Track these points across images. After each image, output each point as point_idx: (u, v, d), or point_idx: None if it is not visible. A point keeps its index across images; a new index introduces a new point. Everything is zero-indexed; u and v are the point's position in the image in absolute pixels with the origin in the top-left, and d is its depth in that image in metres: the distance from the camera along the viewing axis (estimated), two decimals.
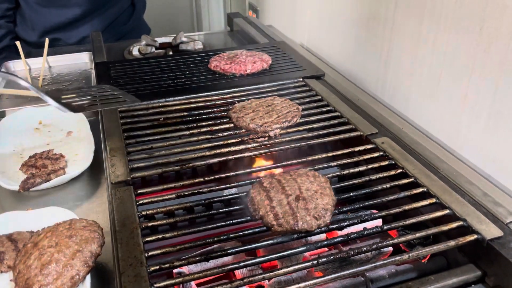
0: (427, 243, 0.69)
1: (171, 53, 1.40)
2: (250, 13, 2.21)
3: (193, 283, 0.65)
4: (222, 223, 0.65)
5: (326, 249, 0.72)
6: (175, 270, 0.67)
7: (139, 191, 0.71)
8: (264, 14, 2.06)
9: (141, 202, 0.68)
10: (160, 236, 0.62)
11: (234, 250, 0.60)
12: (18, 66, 1.38)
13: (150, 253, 0.59)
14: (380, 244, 0.61)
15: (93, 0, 1.59)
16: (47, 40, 1.43)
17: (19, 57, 1.37)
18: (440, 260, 0.72)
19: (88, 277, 0.59)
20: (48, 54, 1.38)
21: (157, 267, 0.57)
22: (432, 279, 0.60)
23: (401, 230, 0.74)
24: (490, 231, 0.61)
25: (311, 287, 0.56)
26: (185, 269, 0.67)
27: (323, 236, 0.73)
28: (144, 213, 0.66)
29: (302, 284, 0.57)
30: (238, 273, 0.68)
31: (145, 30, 1.83)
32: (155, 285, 0.54)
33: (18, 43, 1.40)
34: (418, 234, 0.63)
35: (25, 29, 1.64)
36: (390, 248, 0.72)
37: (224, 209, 0.68)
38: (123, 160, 0.78)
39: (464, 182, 0.73)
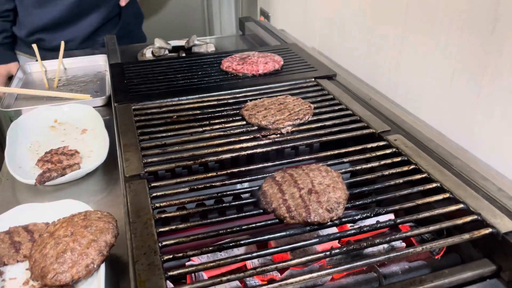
0: (440, 239, 0.68)
1: (183, 55, 1.42)
2: (261, 18, 2.23)
3: (205, 274, 0.66)
4: (235, 216, 0.65)
5: (338, 244, 0.72)
6: (187, 263, 0.67)
7: (152, 185, 0.72)
8: (275, 19, 2.08)
9: (154, 195, 0.69)
10: (173, 227, 0.62)
11: (246, 241, 0.60)
12: (35, 68, 1.40)
13: (164, 243, 0.59)
14: (393, 237, 0.61)
15: (78, 4, 1.59)
16: (62, 43, 1.46)
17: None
18: (454, 257, 0.71)
19: (103, 266, 0.59)
20: (63, 57, 1.41)
21: (171, 256, 0.57)
22: (446, 273, 0.60)
23: (414, 225, 0.74)
24: (505, 224, 0.61)
25: (323, 277, 0.56)
26: (196, 261, 0.68)
27: (334, 230, 0.73)
28: (157, 205, 0.67)
29: (315, 274, 0.57)
30: (250, 265, 0.68)
31: (138, 39, 1.80)
32: (169, 273, 0.55)
33: (34, 46, 1.43)
34: (432, 228, 0.62)
35: (17, 27, 1.67)
36: (403, 244, 0.72)
37: (236, 202, 0.69)
38: (137, 155, 0.79)
39: (478, 178, 0.72)
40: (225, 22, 3.02)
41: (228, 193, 0.70)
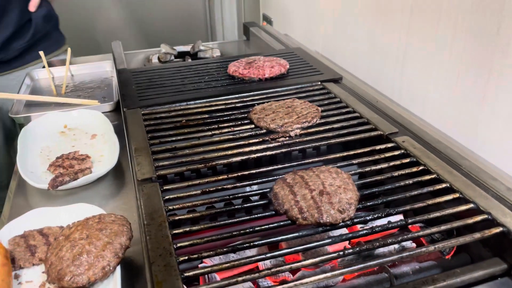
0: (451, 239, 0.69)
1: (190, 60, 1.43)
2: (264, 23, 2.24)
3: (217, 276, 0.66)
4: (247, 217, 0.66)
5: (349, 246, 0.72)
6: (199, 265, 0.68)
7: (165, 187, 0.73)
8: (278, 24, 2.09)
9: (167, 198, 0.70)
10: (187, 229, 0.63)
11: (260, 242, 0.61)
12: (42, 74, 1.42)
13: (178, 244, 0.60)
14: (405, 236, 0.62)
15: None
16: (69, 50, 1.48)
17: None
18: (463, 257, 0.72)
19: (118, 268, 0.60)
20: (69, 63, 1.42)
21: (186, 257, 0.58)
22: (458, 272, 0.60)
23: (424, 226, 0.75)
24: None
25: (336, 277, 0.57)
26: (208, 263, 0.69)
27: (345, 231, 0.73)
28: (170, 207, 0.68)
29: (328, 274, 0.58)
30: (262, 266, 0.68)
31: (56, 41, 1.69)
32: (185, 274, 0.55)
33: (41, 53, 1.45)
34: (443, 227, 0.63)
35: None
36: (414, 245, 0.73)
37: (248, 204, 0.69)
38: (148, 159, 0.80)
39: (487, 178, 0.73)
40: (227, 28, 3.04)
41: (239, 195, 0.71)
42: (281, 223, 0.65)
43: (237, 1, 2.89)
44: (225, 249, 0.60)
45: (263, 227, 0.63)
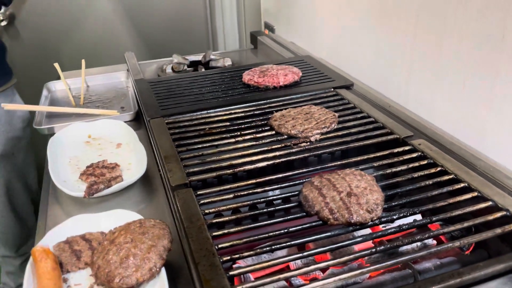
0: (475, 234, 0.73)
1: (203, 69, 1.47)
2: (266, 32, 2.29)
3: (251, 276, 0.70)
4: (281, 219, 0.70)
5: (372, 244, 0.76)
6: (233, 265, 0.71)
7: (198, 192, 0.76)
8: (281, 32, 2.14)
9: (202, 202, 0.74)
10: (226, 231, 0.67)
11: (297, 241, 0.65)
12: (58, 86, 1.45)
13: (220, 246, 0.64)
14: (431, 233, 0.66)
15: None
16: (83, 61, 1.51)
17: None
18: (481, 253, 0.76)
19: (163, 269, 0.64)
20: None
21: (228, 257, 0.62)
22: (481, 265, 0.64)
23: (443, 224, 0.79)
24: None
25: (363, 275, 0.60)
26: (242, 263, 0.72)
27: (369, 230, 0.77)
28: (207, 211, 0.72)
29: (357, 272, 0.62)
30: (293, 266, 0.72)
31: (4, 74, 1.52)
32: (230, 273, 0.59)
33: (56, 64, 1.49)
34: (466, 224, 0.67)
35: None
36: (434, 242, 0.77)
37: (280, 207, 0.73)
38: (178, 166, 0.84)
39: (503, 177, 0.77)
40: (228, 37, 3.08)
41: (270, 198, 0.75)
42: (313, 224, 0.69)
43: (237, 10, 2.94)
44: (264, 249, 0.63)
45: (297, 228, 0.67)
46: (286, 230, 0.67)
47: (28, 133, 1.60)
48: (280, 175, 0.81)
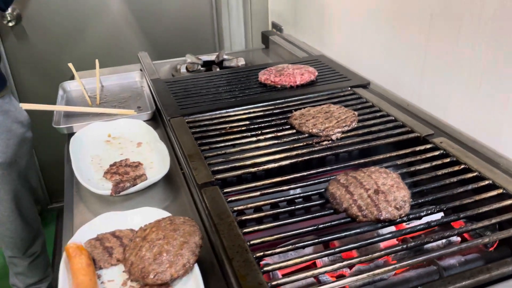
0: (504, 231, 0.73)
1: (218, 69, 1.48)
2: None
3: (279, 272, 0.71)
4: (310, 216, 0.70)
5: (396, 241, 0.77)
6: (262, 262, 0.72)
7: (225, 190, 0.77)
8: (289, 31, 2.14)
9: (230, 199, 0.75)
10: (256, 228, 0.68)
11: (328, 238, 0.66)
12: (73, 86, 1.46)
13: (251, 242, 0.65)
14: (459, 230, 0.66)
15: None
16: (97, 61, 1.52)
17: None
18: (504, 250, 0.77)
19: (196, 265, 0.65)
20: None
21: (261, 253, 0.63)
22: (509, 261, 0.65)
23: (467, 221, 0.80)
24: None
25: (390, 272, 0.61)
26: (269, 260, 0.73)
27: (393, 228, 0.78)
28: (235, 208, 0.72)
29: (385, 269, 0.63)
30: (320, 263, 0.73)
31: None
32: (264, 269, 0.60)
33: (70, 64, 1.49)
34: (493, 221, 0.68)
35: None
36: (458, 239, 0.78)
37: (307, 204, 0.74)
38: (202, 164, 0.85)
39: None
40: (234, 37, 3.09)
41: (297, 195, 0.76)
42: (342, 221, 0.69)
43: (244, 10, 2.95)
44: (296, 245, 0.64)
45: (327, 225, 0.68)
46: (315, 227, 0.68)
47: (30, 138, 1.60)
48: (305, 173, 0.82)
